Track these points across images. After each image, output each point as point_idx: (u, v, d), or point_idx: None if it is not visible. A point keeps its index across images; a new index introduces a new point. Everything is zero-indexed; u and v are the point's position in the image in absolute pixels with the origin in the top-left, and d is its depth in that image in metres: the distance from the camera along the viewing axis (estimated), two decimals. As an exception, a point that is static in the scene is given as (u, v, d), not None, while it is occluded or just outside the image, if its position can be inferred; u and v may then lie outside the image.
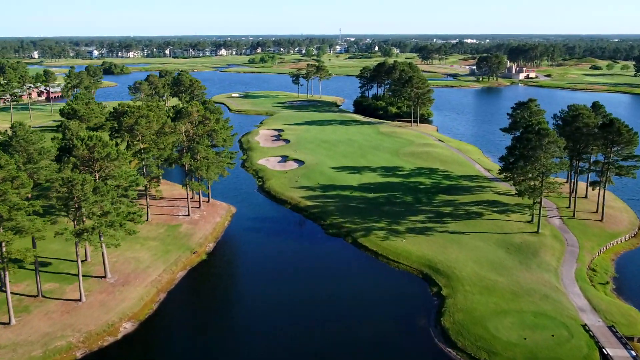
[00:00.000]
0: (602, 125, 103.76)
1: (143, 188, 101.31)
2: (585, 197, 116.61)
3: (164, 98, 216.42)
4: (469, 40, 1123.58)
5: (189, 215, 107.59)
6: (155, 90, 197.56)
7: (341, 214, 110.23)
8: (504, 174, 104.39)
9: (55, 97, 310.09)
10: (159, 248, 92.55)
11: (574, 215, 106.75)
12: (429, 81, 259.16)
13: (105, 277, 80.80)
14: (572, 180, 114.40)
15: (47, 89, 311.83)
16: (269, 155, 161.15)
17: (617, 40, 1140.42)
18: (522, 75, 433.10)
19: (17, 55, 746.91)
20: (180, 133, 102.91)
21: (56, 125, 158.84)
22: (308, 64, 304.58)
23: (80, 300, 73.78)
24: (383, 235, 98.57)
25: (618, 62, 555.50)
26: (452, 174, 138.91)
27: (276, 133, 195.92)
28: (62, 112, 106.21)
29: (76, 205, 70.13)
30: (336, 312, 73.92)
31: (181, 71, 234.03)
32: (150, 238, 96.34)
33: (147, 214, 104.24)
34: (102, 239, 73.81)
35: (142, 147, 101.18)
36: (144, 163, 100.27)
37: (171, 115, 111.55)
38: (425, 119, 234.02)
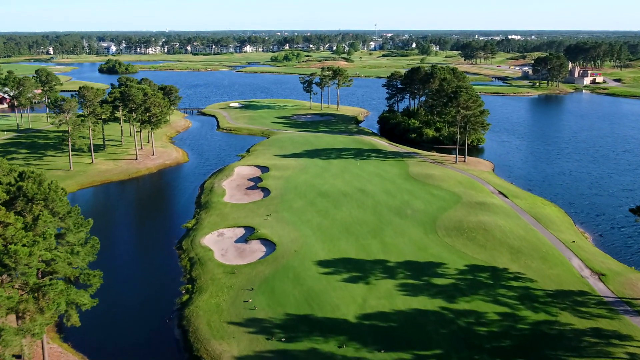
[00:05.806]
0: None
1: None
2: None
3: (117, 120, 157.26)
4: (513, 37, 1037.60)
5: None
6: (91, 108, 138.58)
7: None
8: None
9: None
10: None
11: None
12: (475, 86, 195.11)
13: None
14: None
15: (8, 95, 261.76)
16: (226, 225, 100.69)
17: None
18: (587, 80, 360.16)
19: (30, 51, 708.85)
20: None
21: None
22: (322, 68, 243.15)
23: None
24: None
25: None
26: (535, 286, 76.01)
27: (258, 174, 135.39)
28: None
29: None
30: None
31: (142, 78, 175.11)
32: None
33: None
34: None
35: None
36: None
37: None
38: (474, 146, 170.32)
